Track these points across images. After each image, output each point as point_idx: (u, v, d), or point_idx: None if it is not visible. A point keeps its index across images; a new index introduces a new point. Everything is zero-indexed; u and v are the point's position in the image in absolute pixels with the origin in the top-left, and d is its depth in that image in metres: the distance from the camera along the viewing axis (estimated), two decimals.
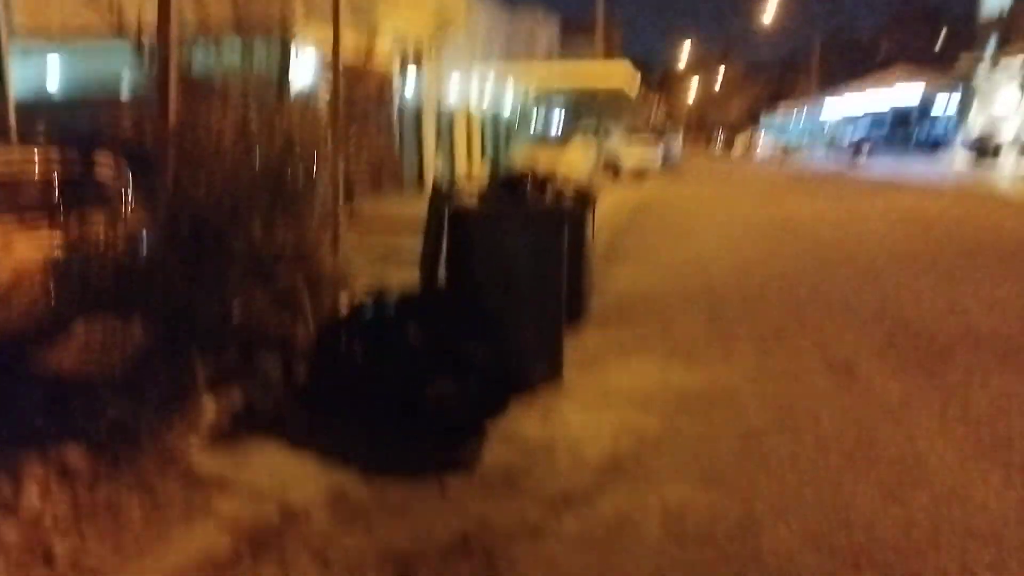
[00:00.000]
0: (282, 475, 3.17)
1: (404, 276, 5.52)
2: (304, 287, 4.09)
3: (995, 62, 29.10)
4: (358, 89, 5.26)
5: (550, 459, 3.38)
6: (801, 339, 5.28)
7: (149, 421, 3.41)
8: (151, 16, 4.00)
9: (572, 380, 4.41)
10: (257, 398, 3.75)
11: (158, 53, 3.96)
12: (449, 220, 4.55)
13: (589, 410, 3.96)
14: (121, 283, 3.75)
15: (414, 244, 4.77)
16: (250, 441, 3.45)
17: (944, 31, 40.78)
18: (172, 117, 3.83)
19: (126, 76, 4.41)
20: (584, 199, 5.55)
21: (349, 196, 5.69)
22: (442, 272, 4.63)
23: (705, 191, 20.96)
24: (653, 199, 18.27)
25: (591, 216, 5.99)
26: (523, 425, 3.75)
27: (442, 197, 4.75)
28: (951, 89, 34.86)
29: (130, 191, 4.42)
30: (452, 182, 5.38)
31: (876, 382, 4.29)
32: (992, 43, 32.52)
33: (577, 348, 5.02)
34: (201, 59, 4.23)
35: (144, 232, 3.91)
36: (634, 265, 8.81)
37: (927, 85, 37.61)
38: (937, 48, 38.67)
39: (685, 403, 4.06)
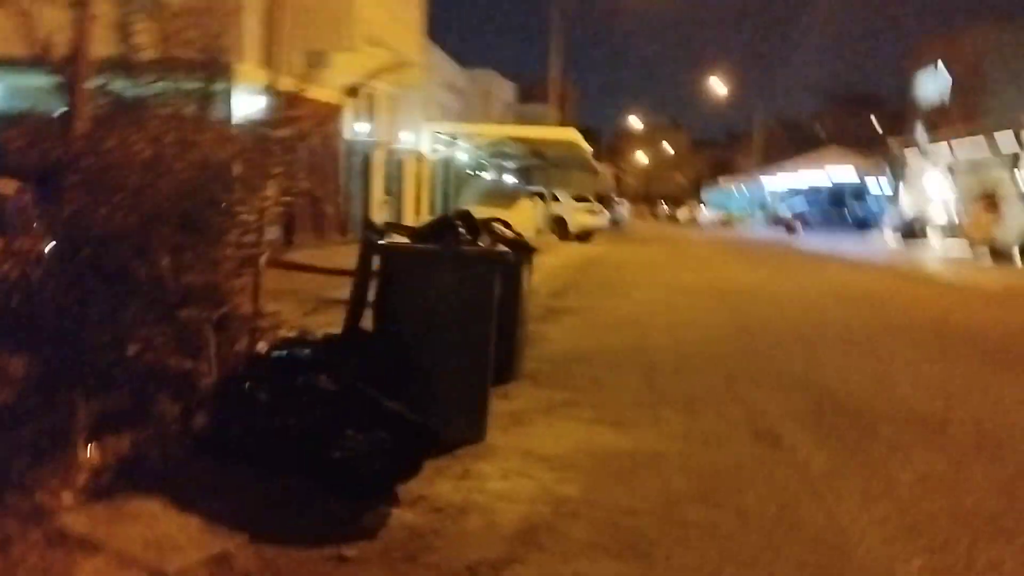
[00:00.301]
0: (162, 537, 2.86)
1: (333, 323, 5.29)
2: (211, 329, 3.82)
3: (923, 148, 30.63)
4: (299, 128, 5.08)
5: (461, 527, 3.14)
6: (729, 406, 5.19)
7: (17, 469, 3.08)
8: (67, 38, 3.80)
9: (495, 442, 4.21)
10: (147, 448, 3.44)
11: (70, 75, 3.74)
12: (377, 258, 4.35)
13: (508, 475, 3.74)
14: (3, 313, 3.44)
15: (348, 290, 4.57)
16: (133, 497, 3.13)
17: (876, 117, 42.95)
18: (77, 140, 3.59)
19: (39, 97, 4.15)
20: (521, 248, 5.40)
21: (288, 238, 5.46)
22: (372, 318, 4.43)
23: (647, 255, 21.26)
24: (597, 260, 18.40)
25: (528, 268, 5.85)
26: (436, 489, 3.52)
27: (373, 235, 4.56)
28: (881, 172, 36.51)
29: (31, 215, 4.12)
30: (388, 222, 5.15)
31: (800, 454, 4.20)
32: (921, 130, 34.32)
33: (504, 408, 4.83)
34: (121, 86, 4.01)
35: (37, 260, 3.62)
36: (572, 323, 8.71)
37: (858, 167, 39.33)
38: (871, 132, 40.59)
39: (609, 469, 3.89)
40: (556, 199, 25.92)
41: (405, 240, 4.60)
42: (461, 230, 4.41)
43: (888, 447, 4.35)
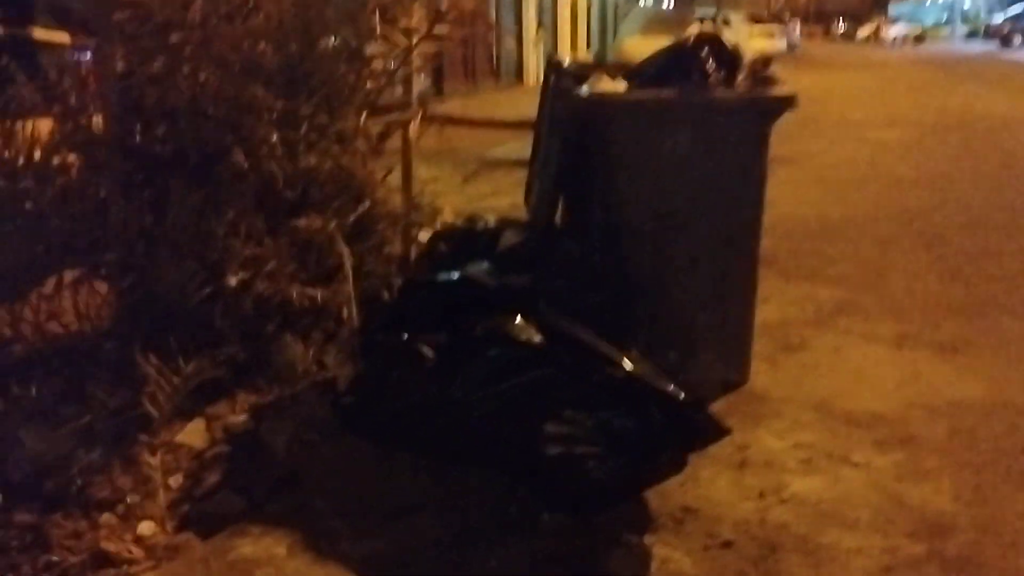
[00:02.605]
0: None
1: (498, 191, 3.94)
2: (344, 240, 2.54)
3: None
4: None
5: None
6: None
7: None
8: None
9: (766, 385, 2.79)
10: (266, 434, 2.30)
11: None
12: (574, 115, 2.80)
13: (815, 459, 2.31)
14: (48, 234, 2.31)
15: (517, 152, 3.15)
16: (238, 529, 2.02)
17: None
18: None
19: None
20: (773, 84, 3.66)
21: (438, 86, 4.15)
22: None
23: (844, 83, 18.11)
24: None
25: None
26: (709, 491, 2.16)
27: (567, 80, 2.98)
28: None
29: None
30: (590, 62, 3.53)
31: None
32: None
33: (756, 317, 3.35)
34: None
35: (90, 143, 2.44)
36: (790, 176, 6.85)
37: None
38: None
39: (980, 447, 2.37)
40: (727, 23, 22.67)
41: (612, 85, 3.02)
42: (708, 65, 2.78)
43: None
